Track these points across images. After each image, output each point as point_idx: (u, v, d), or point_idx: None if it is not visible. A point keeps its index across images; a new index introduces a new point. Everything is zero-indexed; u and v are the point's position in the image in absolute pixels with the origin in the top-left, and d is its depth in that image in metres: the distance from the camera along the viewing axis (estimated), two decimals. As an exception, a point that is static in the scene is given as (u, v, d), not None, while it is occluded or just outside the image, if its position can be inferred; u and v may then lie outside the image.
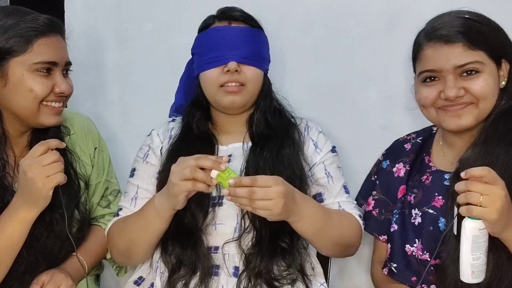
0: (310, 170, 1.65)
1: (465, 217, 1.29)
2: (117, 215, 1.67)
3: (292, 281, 1.56)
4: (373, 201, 1.71)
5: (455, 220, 1.33)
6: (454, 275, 1.37)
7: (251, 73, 1.62)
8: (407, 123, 1.93)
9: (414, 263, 1.56)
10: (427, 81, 1.51)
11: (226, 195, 1.38)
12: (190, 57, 1.74)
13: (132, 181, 1.69)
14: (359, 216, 1.64)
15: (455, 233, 1.34)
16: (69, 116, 1.71)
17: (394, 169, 1.68)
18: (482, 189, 1.26)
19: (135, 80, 2.16)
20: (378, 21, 1.98)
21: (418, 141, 1.69)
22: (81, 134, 1.72)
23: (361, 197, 1.76)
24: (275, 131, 1.66)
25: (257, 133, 1.67)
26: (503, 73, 1.50)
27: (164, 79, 2.06)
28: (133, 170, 1.71)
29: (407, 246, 1.57)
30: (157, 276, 1.60)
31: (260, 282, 1.54)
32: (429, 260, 1.50)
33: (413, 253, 1.56)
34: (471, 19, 1.49)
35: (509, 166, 1.40)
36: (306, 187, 1.61)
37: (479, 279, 1.32)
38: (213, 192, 1.55)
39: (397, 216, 1.62)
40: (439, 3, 1.66)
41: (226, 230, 1.58)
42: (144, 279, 1.66)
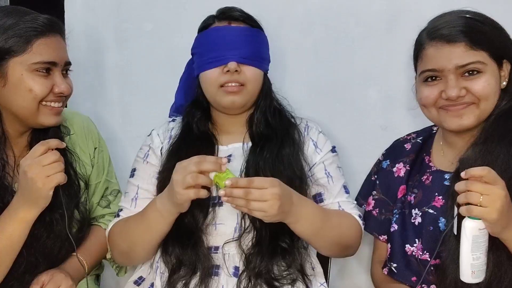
0: (310, 170, 1.65)
1: (465, 217, 1.29)
2: (117, 215, 1.67)
3: (292, 281, 1.56)
4: (373, 201, 1.71)
5: (455, 220, 1.33)
6: (454, 275, 1.37)
7: (251, 73, 1.62)
8: (407, 123, 1.93)
9: (414, 263, 1.56)
10: (428, 80, 1.51)
11: (222, 195, 1.38)
12: (190, 57, 1.74)
13: (132, 182, 1.69)
14: (359, 216, 1.64)
15: (455, 233, 1.34)
16: (69, 116, 1.71)
17: (394, 169, 1.68)
18: (482, 189, 1.26)
19: (135, 80, 2.16)
20: (378, 21, 1.98)
21: (418, 141, 1.69)
22: (81, 134, 1.71)
23: (361, 197, 1.76)
24: (275, 131, 1.66)
25: (257, 133, 1.67)
26: (504, 73, 1.50)
27: (164, 79, 2.06)
28: (133, 170, 1.71)
29: (407, 246, 1.57)
30: (157, 276, 1.60)
31: (260, 282, 1.54)
32: (429, 260, 1.50)
33: (413, 253, 1.55)
34: (473, 18, 1.49)
35: (509, 166, 1.40)
36: (306, 187, 1.61)
37: (479, 279, 1.31)
38: (213, 192, 1.55)
39: (397, 216, 1.62)
40: (439, 3, 1.66)
41: (226, 230, 1.58)
42: (144, 279, 1.66)
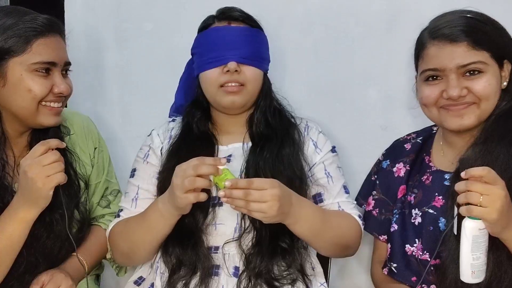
0: (310, 170, 1.65)
1: (465, 217, 1.29)
2: (118, 216, 1.67)
3: (292, 281, 1.56)
4: (373, 201, 1.71)
5: (455, 220, 1.33)
6: (454, 275, 1.36)
7: (251, 73, 1.62)
8: (407, 123, 1.93)
9: (414, 263, 1.56)
10: (429, 80, 1.51)
11: (222, 196, 1.38)
12: (190, 57, 1.74)
13: (132, 182, 1.69)
14: (359, 216, 1.64)
15: (455, 233, 1.34)
16: (69, 116, 1.71)
17: (394, 169, 1.68)
18: (482, 189, 1.26)
19: (135, 80, 2.16)
20: (378, 21, 1.98)
21: (418, 141, 1.69)
22: (81, 134, 1.71)
23: (361, 197, 1.76)
24: (275, 131, 1.66)
25: (257, 133, 1.67)
26: (504, 73, 1.49)
27: (164, 79, 2.06)
28: (134, 170, 1.71)
29: (407, 246, 1.57)
30: (157, 276, 1.60)
31: (260, 282, 1.53)
32: (429, 260, 1.50)
33: (413, 253, 1.55)
34: (475, 18, 1.48)
35: (509, 166, 1.40)
36: (306, 187, 1.61)
37: (479, 279, 1.31)
38: (214, 192, 1.55)
39: (397, 216, 1.62)
40: (439, 3, 1.66)
41: (226, 230, 1.58)
42: (144, 279, 1.66)
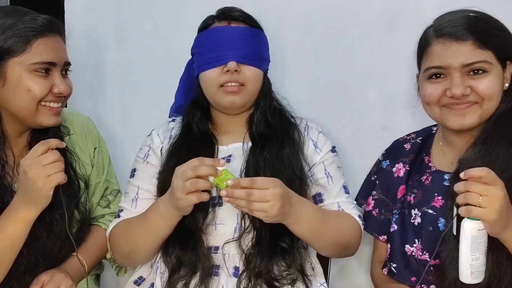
0: (310, 170, 1.65)
1: (464, 217, 1.29)
2: (118, 216, 1.67)
3: (292, 281, 1.56)
4: (373, 201, 1.71)
5: (455, 220, 1.33)
6: (453, 275, 1.37)
7: (251, 73, 1.62)
8: (407, 123, 1.92)
9: (413, 263, 1.56)
10: (432, 78, 1.50)
11: (224, 196, 1.38)
12: (190, 57, 1.74)
13: (132, 182, 1.69)
14: (359, 217, 1.64)
15: (454, 233, 1.34)
16: (69, 116, 1.71)
17: (394, 169, 1.68)
18: (481, 189, 1.26)
19: (135, 80, 2.16)
20: (378, 21, 1.98)
21: (418, 141, 1.69)
22: (80, 134, 1.71)
23: (361, 197, 1.76)
24: (275, 131, 1.66)
25: (257, 133, 1.67)
26: (507, 75, 1.49)
27: (164, 79, 2.06)
28: (134, 170, 1.71)
29: (407, 246, 1.57)
30: (157, 276, 1.60)
31: (260, 282, 1.54)
32: (428, 260, 1.50)
33: (413, 253, 1.55)
34: (481, 18, 1.48)
35: (509, 166, 1.40)
36: (306, 187, 1.61)
37: (478, 279, 1.31)
38: (213, 192, 1.55)
39: (396, 216, 1.62)
40: (439, 3, 1.66)
41: (226, 230, 1.58)
42: (144, 279, 1.66)
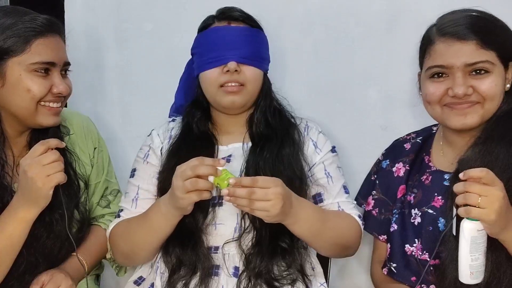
0: (310, 170, 1.65)
1: (463, 218, 1.29)
2: (118, 216, 1.67)
3: (292, 281, 1.56)
4: (373, 201, 1.71)
5: (454, 220, 1.33)
6: (453, 275, 1.37)
7: (251, 73, 1.62)
8: (407, 123, 1.92)
9: (413, 263, 1.56)
10: (434, 77, 1.50)
11: (225, 195, 1.38)
12: (190, 57, 1.74)
13: (132, 182, 1.69)
14: (359, 217, 1.63)
15: (454, 233, 1.34)
16: (69, 116, 1.71)
17: (394, 169, 1.68)
18: (480, 190, 1.26)
19: (135, 80, 2.16)
20: (378, 21, 1.97)
21: (418, 141, 1.69)
22: (80, 134, 1.71)
23: (361, 197, 1.76)
24: (275, 131, 1.66)
25: (257, 133, 1.67)
26: (509, 75, 1.49)
27: (164, 79, 2.06)
28: (134, 170, 1.71)
29: (407, 246, 1.57)
30: (157, 276, 1.60)
31: (260, 282, 1.54)
32: (428, 260, 1.50)
33: (413, 253, 1.55)
34: (484, 18, 1.48)
35: (509, 166, 1.40)
36: (306, 187, 1.61)
37: (478, 280, 1.31)
38: (214, 192, 1.55)
39: (396, 216, 1.62)
40: (439, 3, 1.66)
41: (226, 230, 1.58)
42: (144, 279, 1.66)
